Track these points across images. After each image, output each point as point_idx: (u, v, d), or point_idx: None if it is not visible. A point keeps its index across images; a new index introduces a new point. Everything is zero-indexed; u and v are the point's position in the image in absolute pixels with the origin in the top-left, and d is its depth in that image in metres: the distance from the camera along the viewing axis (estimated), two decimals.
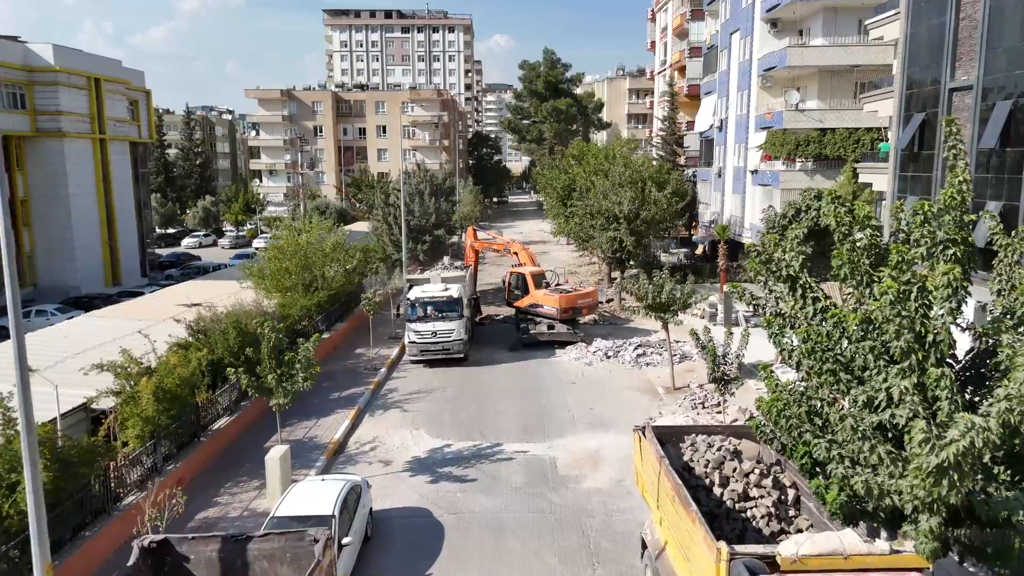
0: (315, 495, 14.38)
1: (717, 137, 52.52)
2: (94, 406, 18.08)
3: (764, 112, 42.60)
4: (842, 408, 10.19)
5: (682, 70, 65.42)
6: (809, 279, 10.97)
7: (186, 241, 74.92)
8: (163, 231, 79.73)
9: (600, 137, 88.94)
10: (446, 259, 44.27)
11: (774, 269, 11.12)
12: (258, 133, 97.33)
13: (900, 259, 9.55)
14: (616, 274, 44.07)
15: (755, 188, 44.51)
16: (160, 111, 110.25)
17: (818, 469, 10.44)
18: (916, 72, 28.09)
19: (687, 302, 24.38)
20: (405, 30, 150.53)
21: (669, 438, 13.75)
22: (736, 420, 21.74)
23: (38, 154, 43.28)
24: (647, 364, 28.29)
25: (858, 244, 10.63)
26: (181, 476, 17.63)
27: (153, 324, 26.14)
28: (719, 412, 22.25)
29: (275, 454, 16.81)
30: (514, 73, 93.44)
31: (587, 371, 27.70)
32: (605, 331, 33.98)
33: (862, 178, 34.84)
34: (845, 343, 10.06)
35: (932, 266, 9.53)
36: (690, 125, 62.91)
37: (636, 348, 29.72)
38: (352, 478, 15.66)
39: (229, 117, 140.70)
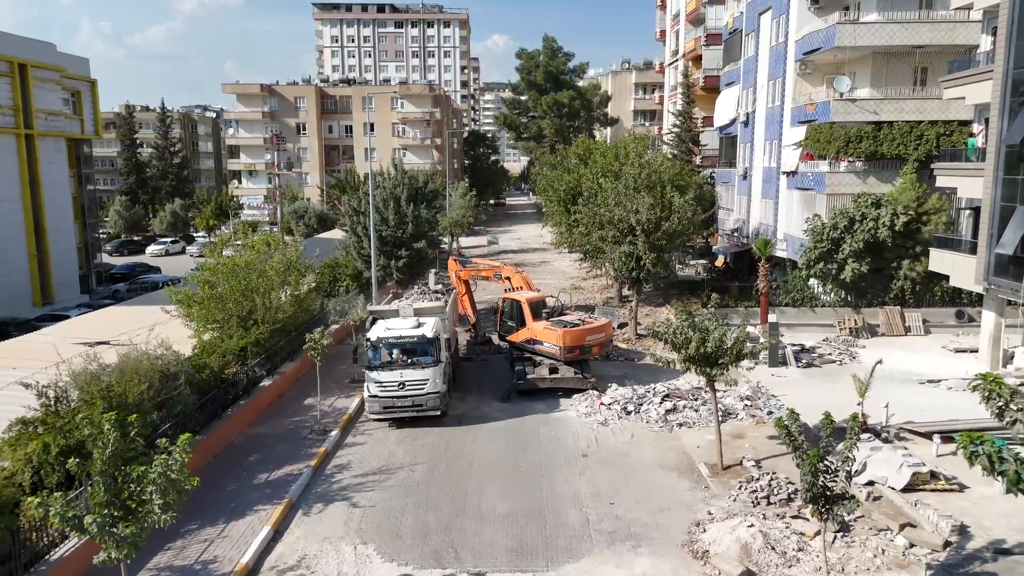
0: None
1: (742, 133, 45.99)
2: None
3: (804, 103, 36.05)
4: None
5: (697, 60, 58.89)
6: None
7: (151, 248, 68.42)
8: (128, 238, 73.17)
9: (605, 134, 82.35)
10: (431, 276, 37.81)
11: None
12: (236, 131, 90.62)
13: None
14: (628, 292, 37.56)
15: (791, 192, 37.97)
16: (135, 108, 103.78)
17: None
18: None
19: (741, 351, 17.81)
20: (398, 25, 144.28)
21: None
22: (815, 532, 15.15)
23: None
24: (680, 424, 21.70)
25: None
26: None
27: (27, 374, 19.60)
28: (795, 516, 15.67)
29: None
30: (513, 74, 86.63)
31: (602, 435, 21.12)
32: (620, 370, 27.45)
33: (940, 181, 28.33)
34: None
35: None
36: (707, 121, 56.40)
37: (663, 400, 23.15)
38: None
39: (213, 115, 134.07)
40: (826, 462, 11.86)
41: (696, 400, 23.11)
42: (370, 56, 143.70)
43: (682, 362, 17.82)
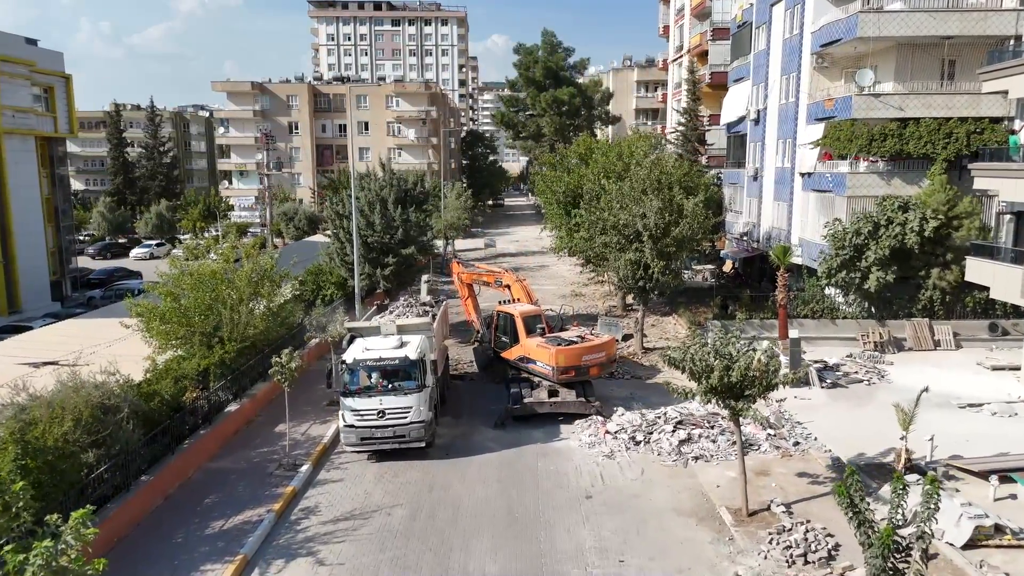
0: None
1: (752, 132, 43.51)
2: None
3: (822, 99, 33.57)
4: None
5: (703, 56, 56.41)
6: None
7: (135, 251, 65.88)
8: (112, 240, 70.61)
9: (607, 133, 79.81)
10: (424, 286, 35.46)
11: None
12: (227, 130, 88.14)
13: None
14: (633, 300, 35.15)
15: (807, 194, 35.48)
16: (124, 107, 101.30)
17: None
18: None
19: (771, 381, 15.31)
20: (395, 23, 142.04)
21: None
22: None
23: None
24: (695, 457, 19.22)
25: None
26: None
27: None
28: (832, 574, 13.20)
29: None
30: (512, 74, 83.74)
31: (608, 471, 18.65)
32: (625, 391, 25.03)
33: (979, 183, 25.91)
34: None
35: None
36: (713, 119, 53.94)
37: (676, 427, 20.68)
38: None
39: (207, 114, 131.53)
40: (897, 538, 9.39)
41: (713, 428, 20.65)
42: (367, 55, 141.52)
43: (702, 394, 15.34)
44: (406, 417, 18.88)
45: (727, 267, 47.04)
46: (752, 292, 36.11)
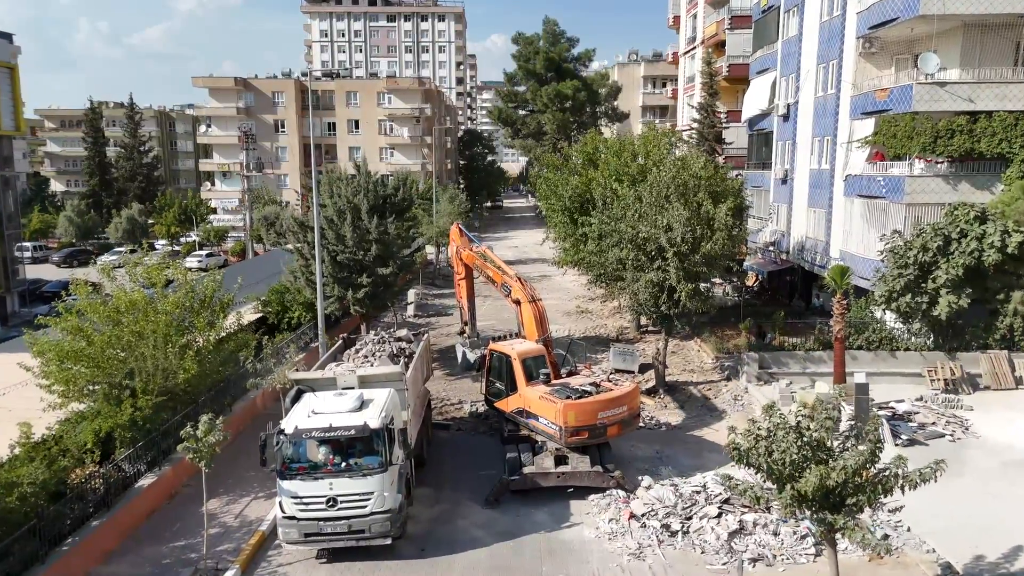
0: None
1: (780, 129, 38.74)
2: None
3: (872, 89, 28.80)
4: None
5: (719, 47, 51.60)
6: None
7: (104, 259, 60.86)
8: (81, 246, 65.81)
9: (613, 131, 74.95)
10: (410, 302, 30.75)
11: None
12: (209, 128, 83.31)
13: None
14: (647, 320, 30.43)
15: (851, 201, 30.63)
16: (106, 105, 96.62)
17: None
18: None
19: (889, 485, 10.48)
20: (391, 19, 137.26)
21: None
22: None
23: None
24: (753, 560, 14.37)
25: None
26: None
27: None
28: None
29: None
30: (512, 69, 78.38)
31: None
32: (649, 446, 20.23)
33: None
34: None
35: None
36: (731, 116, 49.12)
37: (721, 509, 15.85)
38: None
39: (193, 112, 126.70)
40: None
41: (769, 510, 15.81)
42: (361, 51, 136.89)
43: (785, 504, 10.51)
44: (365, 507, 14.02)
45: (750, 280, 42.20)
46: (785, 312, 31.33)
